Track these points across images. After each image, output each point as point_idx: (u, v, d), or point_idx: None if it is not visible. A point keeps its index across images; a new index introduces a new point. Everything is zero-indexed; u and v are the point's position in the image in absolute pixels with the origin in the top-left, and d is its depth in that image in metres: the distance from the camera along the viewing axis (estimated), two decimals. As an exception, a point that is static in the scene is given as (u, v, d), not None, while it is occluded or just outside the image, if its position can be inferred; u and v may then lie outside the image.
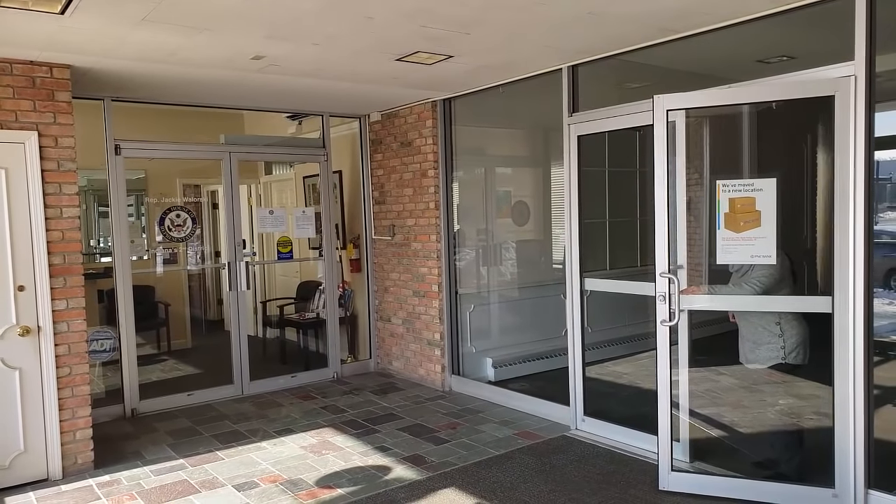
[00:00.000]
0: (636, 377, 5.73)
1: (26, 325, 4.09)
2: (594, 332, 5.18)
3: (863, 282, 3.30)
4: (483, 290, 6.37)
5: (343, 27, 3.67)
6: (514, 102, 5.71)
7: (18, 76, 4.05)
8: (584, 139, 4.71)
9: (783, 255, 3.59)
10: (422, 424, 5.07)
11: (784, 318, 3.71)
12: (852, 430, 3.36)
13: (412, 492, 3.87)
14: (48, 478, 4.17)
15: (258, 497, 3.87)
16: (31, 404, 4.13)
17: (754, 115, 5.01)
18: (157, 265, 6.28)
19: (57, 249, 4.17)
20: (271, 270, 8.39)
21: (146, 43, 3.82)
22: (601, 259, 6.23)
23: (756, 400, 4.90)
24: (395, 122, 6.30)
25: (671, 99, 3.63)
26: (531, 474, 4.06)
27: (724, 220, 3.56)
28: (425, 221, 6.05)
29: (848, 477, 3.38)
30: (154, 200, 6.60)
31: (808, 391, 4.10)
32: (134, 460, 4.48)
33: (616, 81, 4.93)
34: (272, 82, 4.90)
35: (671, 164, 3.70)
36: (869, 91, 3.24)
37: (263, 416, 5.40)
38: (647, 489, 3.77)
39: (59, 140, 4.17)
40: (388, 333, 6.65)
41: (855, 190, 3.29)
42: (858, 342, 3.33)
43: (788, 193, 3.71)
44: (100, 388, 5.54)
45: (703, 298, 3.75)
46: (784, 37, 3.88)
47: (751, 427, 4.69)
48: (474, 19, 3.60)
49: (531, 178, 6.94)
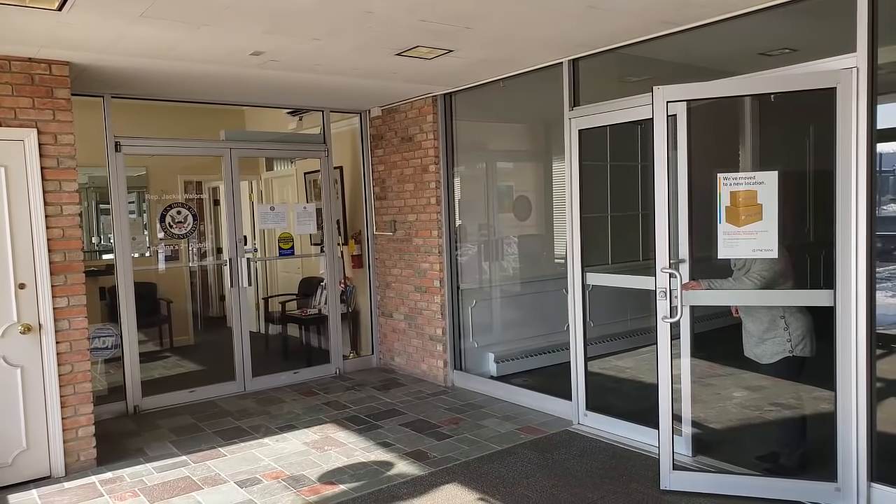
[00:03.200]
0: (638, 371, 5.72)
1: (28, 323, 4.09)
2: (596, 327, 5.18)
3: (865, 274, 3.29)
4: (485, 285, 6.37)
5: (343, 22, 3.65)
6: (515, 97, 5.69)
7: (17, 73, 4.04)
8: (585, 133, 4.69)
9: (784, 249, 3.57)
10: (424, 420, 5.07)
11: (788, 311, 3.69)
12: (855, 423, 3.35)
13: (414, 487, 3.87)
14: (51, 475, 4.18)
15: (261, 493, 3.87)
16: (33, 402, 4.13)
17: (756, 107, 4.99)
18: (159, 262, 6.28)
19: (57, 247, 4.17)
20: (273, 267, 8.40)
21: (145, 39, 3.81)
22: (603, 254, 6.22)
23: (760, 394, 4.90)
24: (396, 118, 6.28)
25: (671, 91, 3.60)
26: (533, 469, 4.06)
27: (725, 213, 3.54)
28: (427, 217, 6.04)
29: (851, 471, 3.37)
30: (155, 197, 6.62)
31: (813, 384, 4.07)
32: (136, 457, 4.49)
33: (617, 75, 4.91)
34: (272, 78, 4.88)
35: (671, 157, 3.67)
36: (871, 83, 3.22)
37: (266, 412, 5.40)
38: (649, 484, 3.77)
39: (59, 137, 4.16)
40: (390, 329, 6.65)
41: (857, 182, 3.27)
42: (861, 335, 3.32)
43: (790, 186, 3.69)
44: (102, 386, 5.55)
45: (704, 294, 3.73)
46: (786, 29, 3.85)
47: (754, 420, 4.69)
48: (474, 13, 3.58)
49: (532, 173, 6.92)
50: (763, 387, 4.85)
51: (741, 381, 5.07)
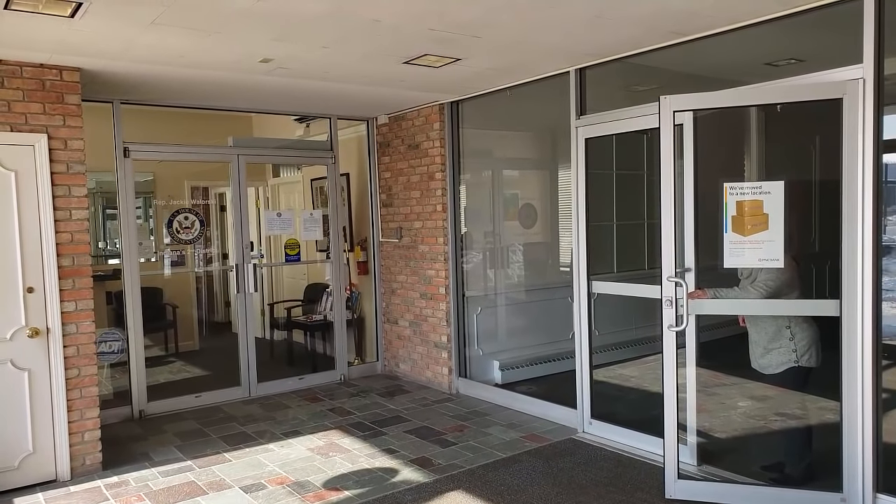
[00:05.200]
0: (644, 380, 5.71)
1: (35, 327, 4.12)
2: (601, 335, 5.17)
3: (871, 285, 3.28)
4: (490, 292, 6.37)
5: (351, 30, 3.68)
6: (522, 105, 5.71)
7: (28, 79, 4.08)
8: (592, 142, 4.70)
9: (790, 259, 3.57)
10: (429, 427, 5.07)
11: (794, 321, 3.68)
12: (860, 434, 3.34)
13: (419, 494, 3.87)
14: (57, 479, 4.20)
15: (265, 499, 3.87)
16: (39, 405, 4.15)
17: (762, 117, 4.99)
18: (165, 267, 6.31)
19: (66, 251, 4.20)
20: (279, 273, 8.42)
21: (155, 46, 3.85)
22: (608, 262, 6.21)
23: (766, 404, 4.89)
24: (403, 125, 6.31)
25: (678, 100, 3.62)
26: (538, 477, 4.05)
27: (731, 223, 3.54)
28: (432, 224, 6.05)
29: (856, 481, 3.35)
30: (162, 203, 6.65)
31: (819, 394, 4.06)
32: (142, 461, 4.50)
33: (624, 84, 4.93)
34: (280, 85, 4.92)
35: (678, 166, 3.68)
36: (878, 94, 3.22)
37: (271, 417, 5.41)
38: (653, 493, 3.76)
39: (69, 143, 4.20)
40: (395, 336, 6.66)
41: (863, 193, 3.28)
42: (867, 346, 3.31)
43: (796, 196, 3.69)
44: (108, 390, 5.58)
45: (709, 303, 3.72)
46: (792, 40, 3.86)
47: (759, 430, 4.67)
48: (482, 22, 3.61)
49: (538, 181, 6.93)
50: (768, 397, 4.83)
51: (746, 391, 5.06)
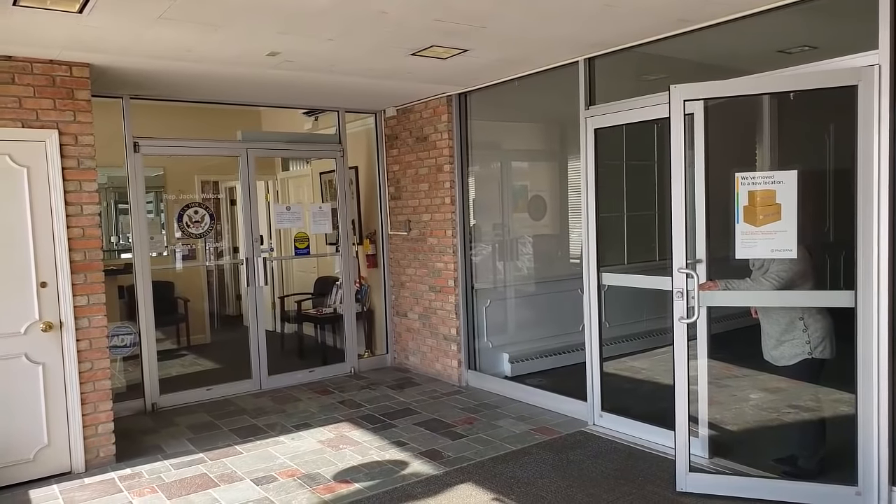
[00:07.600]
0: (654, 372, 5.68)
1: (49, 321, 4.15)
2: (612, 327, 5.14)
3: (887, 275, 3.24)
4: (499, 284, 6.35)
5: (357, 22, 3.66)
6: (530, 96, 5.67)
7: (39, 75, 4.10)
8: (601, 132, 4.66)
9: (804, 249, 3.52)
10: (438, 419, 5.08)
11: (807, 312, 3.63)
12: (876, 426, 3.30)
13: (429, 487, 3.87)
14: (71, 471, 4.24)
15: (276, 491, 3.89)
16: (53, 399, 4.19)
17: (775, 105, 4.93)
18: (176, 261, 6.34)
19: (78, 246, 4.22)
20: (289, 266, 8.45)
21: (163, 40, 3.85)
22: (619, 253, 6.18)
23: (778, 396, 4.85)
24: (411, 118, 6.29)
25: (688, 89, 3.57)
26: (548, 470, 4.04)
27: (743, 213, 3.50)
28: (441, 216, 6.04)
29: (872, 475, 3.32)
30: (172, 197, 6.68)
31: (833, 386, 4.02)
32: (154, 454, 4.54)
33: (633, 74, 4.88)
34: (288, 78, 4.91)
35: (688, 156, 3.64)
36: (894, 80, 3.17)
37: (281, 410, 5.44)
38: (664, 486, 3.74)
39: (79, 138, 4.22)
40: (404, 328, 6.66)
41: (879, 181, 3.23)
42: (883, 337, 3.27)
43: (810, 185, 3.64)
44: (121, 383, 5.62)
45: (721, 294, 3.69)
46: (806, 26, 3.80)
47: (772, 422, 4.64)
48: (490, 12, 3.58)
49: (548, 173, 6.89)
50: (781, 389, 4.79)
51: (759, 383, 5.02)
